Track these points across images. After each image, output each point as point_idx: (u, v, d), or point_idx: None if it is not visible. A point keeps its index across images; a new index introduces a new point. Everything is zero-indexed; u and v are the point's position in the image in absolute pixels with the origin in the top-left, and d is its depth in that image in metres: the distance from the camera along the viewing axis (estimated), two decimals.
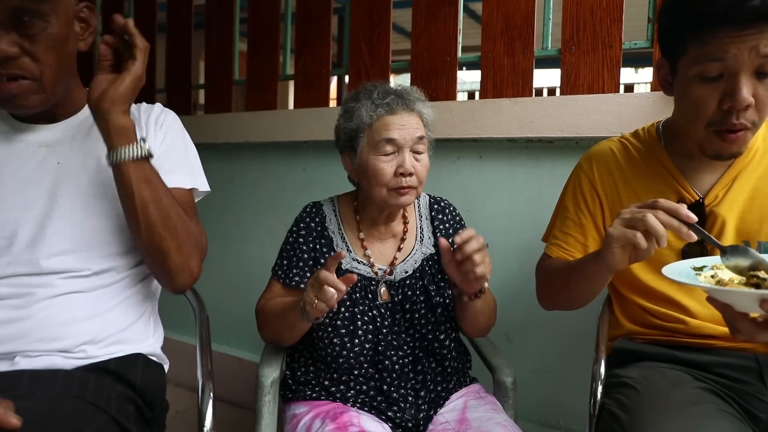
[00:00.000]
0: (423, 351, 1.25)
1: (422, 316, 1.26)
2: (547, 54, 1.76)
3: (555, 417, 1.76)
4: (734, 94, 0.94)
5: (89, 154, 1.09)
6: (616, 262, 0.94)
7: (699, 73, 0.97)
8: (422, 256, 1.32)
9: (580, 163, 1.25)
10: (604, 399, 1.09)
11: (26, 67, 0.98)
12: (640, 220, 0.88)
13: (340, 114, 1.30)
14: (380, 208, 1.28)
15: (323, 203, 1.35)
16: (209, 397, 1.05)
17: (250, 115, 2.30)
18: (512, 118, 1.70)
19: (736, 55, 0.93)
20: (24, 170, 1.05)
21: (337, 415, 1.14)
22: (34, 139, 1.07)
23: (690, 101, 1.01)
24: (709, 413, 0.94)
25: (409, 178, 1.19)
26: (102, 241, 1.07)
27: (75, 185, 1.06)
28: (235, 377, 2.25)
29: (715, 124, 0.99)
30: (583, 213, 1.21)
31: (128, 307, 1.11)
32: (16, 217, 1.03)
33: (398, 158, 1.19)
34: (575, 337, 1.70)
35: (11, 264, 1.01)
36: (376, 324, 1.23)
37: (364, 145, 1.22)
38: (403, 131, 1.20)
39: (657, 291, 1.12)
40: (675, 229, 0.87)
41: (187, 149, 1.20)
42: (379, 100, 1.21)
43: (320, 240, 1.29)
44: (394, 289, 1.27)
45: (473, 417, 1.17)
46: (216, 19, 2.45)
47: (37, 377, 0.96)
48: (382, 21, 2.02)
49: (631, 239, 0.89)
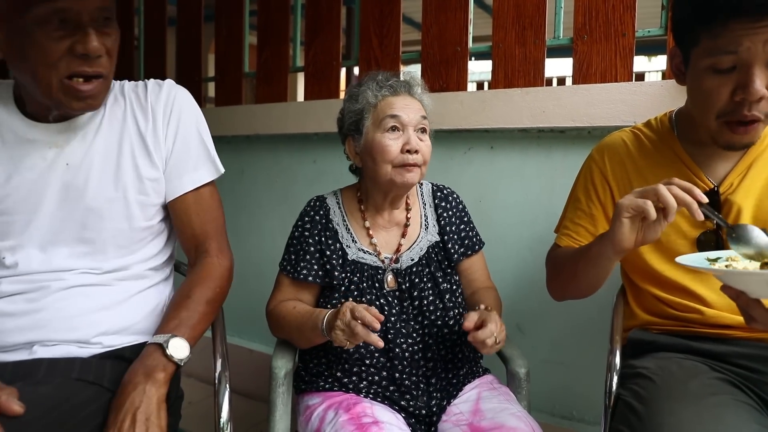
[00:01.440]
0: (432, 338, 1.26)
1: (430, 302, 1.26)
2: (559, 43, 1.74)
3: (568, 407, 1.76)
4: (747, 86, 0.94)
5: (97, 154, 1.08)
6: (623, 239, 0.93)
7: (711, 64, 0.97)
8: (428, 243, 1.33)
9: (591, 154, 1.25)
10: (619, 390, 1.08)
11: (104, 65, 1.00)
12: (652, 191, 0.89)
13: (345, 99, 1.33)
14: (385, 191, 1.29)
15: (326, 196, 1.37)
16: (225, 389, 1.06)
17: (261, 108, 2.30)
18: (524, 108, 1.69)
19: (749, 48, 0.92)
20: (35, 171, 1.04)
21: (351, 406, 1.15)
22: (44, 139, 1.06)
23: (702, 92, 1.01)
24: (726, 404, 0.93)
25: (414, 155, 1.22)
26: (114, 242, 1.08)
27: (84, 187, 1.06)
28: (247, 369, 2.27)
29: (727, 115, 0.99)
30: (594, 204, 1.21)
31: (142, 299, 1.12)
32: (27, 220, 1.03)
33: (403, 136, 1.23)
34: (587, 328, 1.69)
35: (24, 263, 1.03)
36: (383, 312, 1.24)
37: (370, 125, 1.25)
38: (407, 110, 1.24)
39: (671, 280, 1.12)
40: (686, 204, 0.87)
41: (201, 133, 1.19)
42: (383, 82, 1.27)
43: (325, 232, 1.30)
44: (401, 276, 1.28)
45: (487, 408, 1.17)
46: (226, 11, 2.45)
47: (54, 364, 0.98)
48: (392, 12, 2.00)
49: (641, 206, 0.89)
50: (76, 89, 0.98)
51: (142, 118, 1.12)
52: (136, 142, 1.11)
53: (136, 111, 1.13)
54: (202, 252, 1.15)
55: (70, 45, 0.94)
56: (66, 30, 0.93)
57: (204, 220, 1.16)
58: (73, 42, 0.94)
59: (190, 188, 1.14)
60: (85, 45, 0.94)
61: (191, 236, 1.16)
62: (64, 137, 1.07)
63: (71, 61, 0.95)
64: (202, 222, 1.16)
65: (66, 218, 1.05)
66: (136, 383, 0.92)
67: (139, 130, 1.11)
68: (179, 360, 0.98)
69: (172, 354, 0.97)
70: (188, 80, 2.57)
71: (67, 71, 0.96)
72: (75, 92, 0.98)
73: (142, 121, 1.12)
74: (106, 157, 1.08)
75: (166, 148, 1.13)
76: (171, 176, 1.13)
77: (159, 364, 0.95)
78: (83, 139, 1.08)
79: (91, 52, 0.95)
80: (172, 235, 1.21)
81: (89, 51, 0.94)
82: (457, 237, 1.35)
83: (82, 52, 0.95)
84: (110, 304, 1.07)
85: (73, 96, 0.99)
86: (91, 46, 0.94)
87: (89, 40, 0.94)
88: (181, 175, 1.14)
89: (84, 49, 0.94)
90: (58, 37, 0.93)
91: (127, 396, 0.90)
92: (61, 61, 0.94)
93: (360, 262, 1.28)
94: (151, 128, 1.12)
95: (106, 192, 1.07)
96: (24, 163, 1.04)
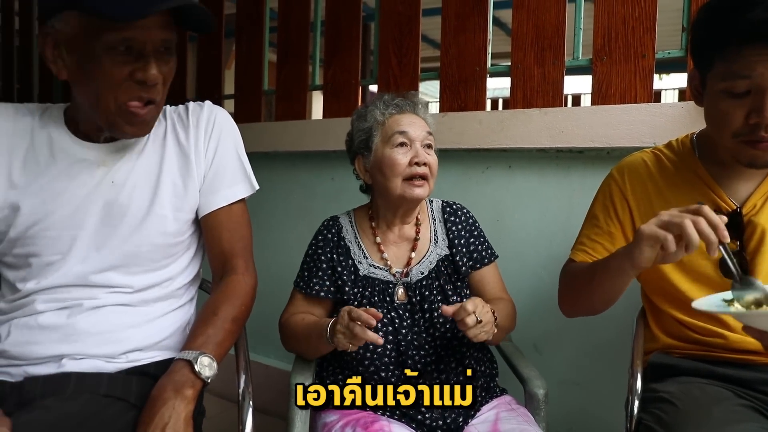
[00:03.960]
0: (444, 350, 1.27)
1: (440, 315, 1.27)
2: (578, 64, 1.75)
3: (585, 430, 1.74)
4: (761, 110, 0.94)
5: (140, 172, 1.12)
6: (642, 260, 0.93)
7: (726, 88, 0.98)
8: (437, 257, 1.35)
9: (611, 173, 1.25)
10: (641, 414, 1.07)
11: (159, 92, 1.04)
12: (677, 225, 0.87)
13: (353, 120, 1.40)
14: (396, 206, 1.33)
15: (339, 216, 1.42)
16: (249, 406, 1.07)
17: (279, 125, 2.33)
18: (542, 128, 1.70)
19: (763, 74, 0.93)
20: (83, 189, 1.08)
21: (368, 424, 1.15)
22: (93, 158, 1.10)
23: (717, 114, 1.02)
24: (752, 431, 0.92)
25: (423, 167, 1.27)
26: (147, 257, 1.11)
27: (126, 204, 1.09)
28: (263, 384, 2.27)
29: (743, 135, 0.99)
30: (613, 221, 1.20)
31: (170, 318, 1.15)
32: (72, 235, 1.06)
33: (411, 150, 1.28)
34: (605, 349, 1.67)
35: (62, 277, 1.05)
36: (395, 325, 1.27)
37: (379, 141, 1.31)
38: (413, 126, 1.30)
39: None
40: (709, 242, 0.86)
41: (238, 151, 1.23)
42: (389, 101, 1.34)
43: (337, 249, 1.35)
44: (412, 290, 1.31)
45: (505, 429, 1.16)
46: (246, 28, 2.49)
47: (82, 380, 0.99)
48: (411, 31, 2.03)
49: (662, 240, 0.88)
50: (132, 113, 1.02)
51: (184, 135, 1.16)
52: (177, 158, 1.15)
53: (178, 129, 1.17)
54: (228, 269, 1.17)
55: (131, 71, 0.98)
56: (130, 57, 0.97)
57: (234, 237, 1.18)
58: (134, 69, 0.98)
59: (224, 203, 1.17)
60: (146, 73, 0.98)
61: (219, 252, 1.18)
62: (112, 157, 1.11)
63: (130, 86, 0.99)
64: (232, 239, 1.18)
65: (108, 234, 1.08)
66: (166, 399, 0.92)
67: (179, 146, 1.15)
68: (207, 377, 0.98)
69: (201, 371, 0.98)
70: (208, 97, 2.57)
71: (126, 96, 1.00)
72: (130, 116, 1.02)
73: (183, 138, 1.16)
74: (148, 174, 1.12)
75: (206, 162, 1.17)
76: (207, 191, 1.17)
77: (188, 381, 0.96)
78: (128, 158, 1.12)
79: (149, 81, 0.99)
80: (199, 252, 1.23)
81: (148, 79, 0.99)
82: (465, 250, 1.37)
83: (141, 79, 0.99)
84: (139, 322, 1.09)
85: (127, 120, 1.03)
86: (151, 74, 0.99)
87: (149, 68, 0.98)
88: (217, 191, 1.17)
89: (144, 77, 0.98)
90: (122, 62, 0.97)
91: (156, 411, 0.91)
92: (121, 85, 0.98)
93: (371, 277, 1.32)
94: (193, 144, 1.16)
95: (146, 208, 1.10)
96: (74, 181, 1.07)
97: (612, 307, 1.57)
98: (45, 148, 1.08)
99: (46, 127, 1.10)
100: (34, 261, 1.06)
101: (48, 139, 1.09)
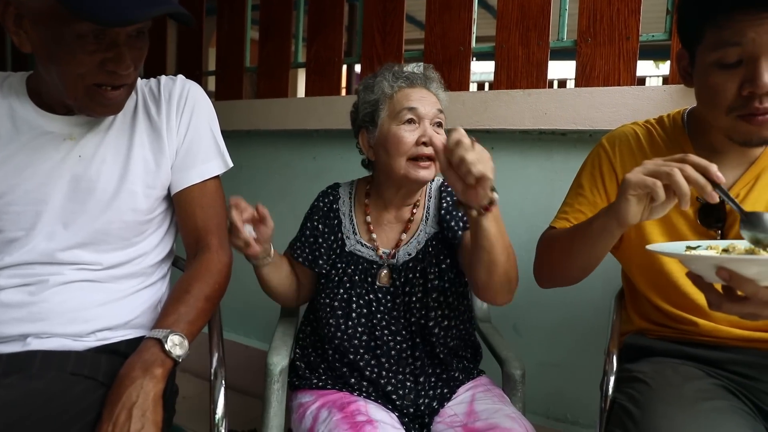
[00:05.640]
0: (419, 336, 1.25)
1: (418, 299, 1.25)
2: (562, 45, 1.74)
3: (562, 410, 1.76)
4: (755, 79, 0.91)
5: (109, 147, 1.08)
6: (630, 214, 0.88)
7: (717, 59, 0.95)
8: (426, 236, 1.30)
9: (601, 142, 1.21)
10: (615, 393, 1.08)
11: (131, 76, 1.01)
12: (666, 173, 0.83)
13: (359, 90, 1.31)
14: (398, 186, 1.27)
15: (341, 185, 1.38)
16: (221, 386, 1.05)
17: (261, 103, 2.29)
18: (526, 109, 1.69)
19: (754, 39, 0.90)
20: (48, 163, 1.04)
21: (345, 405, 1.15)
22: (59, 131, 1.06)
23: (709, 89, 0.98)
24: (722, 409, 0.93)
25: (430, 148, 1.19)
26: (118, 235, 1.08)
27: (95, 179, 1.06)
28: (241, 364, 2.26)
29: (737, 110, 0.95)
30: (599, 191, 1.17)
31: (141, 296, 1.12)
32: (37, 211, 1.03)
33: (419, 129, 1.21)
34: (583, 331, 1.69)
35: (27, 254, 1.02)
36: (371, 308, 1.25)
37: (385, 116, 1.23)
38: (423, 102, 1.22)
39: (675, 287, 1.09)
40: (700, 186, 0.81)
41: (212, 127, 1.20)
42: (399, 73, 1.25)
43: (325, 220, 1.33)
44: (397, 272, 1.27)
45: (481, 409, 1.16)
46: (228, 5, 2.44)
47: (48, 357, 0.97)
48: (395, 9, 2.00)
49: (651, 187, 0.84)
50: (103, 96, 0.99)
51: (155, 110, 1.13)
52: (148, 134, 1.12)
53: (149, 103, 1.13)
54: (202, 246, 1.15)
55: (102, 60, 0.95)
56: (100, 44, 0.94)
57: (207, 214, 1.16)
58: (105, 58, 0.95)
59: (197, 180, 1.15)
60: (118, 64, 0.96)
61: (193, 230, 1.16)
62: (78, 130, 1.07)
63: (100, 72, 0.96)
64: (205, 216, 1.16)
65: (75, 210, 1.05)
66: (134, 378, 0.91)
67: (151, 121, 1.12)
68: (177, 356, 0.97)
69: (171, 350, 0.96)
70: (189, 74, 2.52)
71: (95, 80, 0.97)
72: (101, 99, 0.99)
73: (154, 112, 1.13)
74: (117, 149, 1.09)
75: (178, 138, 1.14)
76: (180, 168, 1.14)
77: (157, 360, 0.94)
78: (96, 132, 1.08)
79: (121, 71, 0.96)
80: (171, 229, 1.21)
81: (120, 69, 0.96)
82: (458, 216, 1.29)
83: (113, 70, 0.96)
84: (109, 300, 1.06)
85: (98, 102, 1.00)
86: (123, 65, 0.96)
87: (122, 59, 0.95)
88: (190, 168, 1.14)
89: (115, 68, 0.96)
90: (92, 50, 0.93)
91: (123, 390, 0.89)
92: (90, 71, 0.95)
93: (356, 254, 1.29)
94: (164, 119, 1.12)
95: (115, 184, 1.07)
96: (39, 154, 1.04)
97: (591, 291, 1.59)
98: (6, 119, 1.05)
99: (7, 97, 1.06)
100: None
101: (9, 110, 1.05)
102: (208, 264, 1.12)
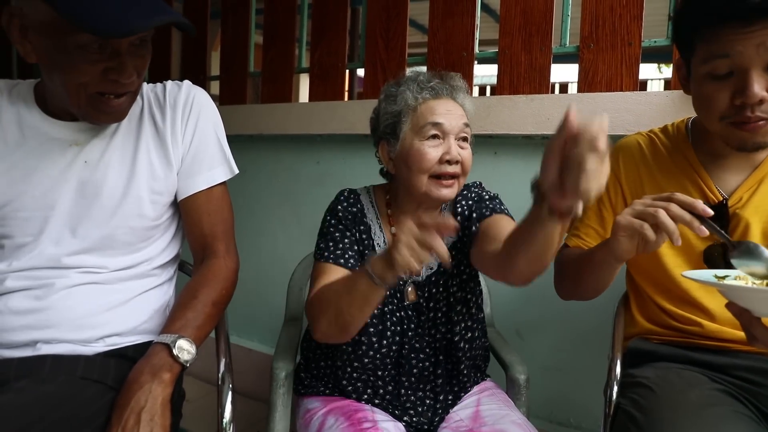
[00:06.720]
0: (442, 353, 1.22)
1: (443, 314, 1.22)
2: (565, 51, 1.75)
3: (565, 414, 1.76)
4: (745, 90, 0.94)
5: (115, 152, 1.09)
6: (622, 251, 0.92)
7: (708, 71, 0.98)
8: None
9: None
10: (619, 399, 1.08)
11: (134, 84, 1.01)
12: (651, 214, 0.86)
13: (381, 99, 1.24)
14: (418, 202, 1.20)
15: (360, 192, 1.29)
16: (228, 390, 1.06)
17: (265, 108, 2.30)
18: (528, 114, 1.70)
19: (742, 52, 0.92)
20: (55, 168, 1.05)
21: (351, 413, 1.14)
22: (65, 137, 1.07)
23: (703, 99, 1.02)
24: (725, 415, 0.93)
25: (454, 166, 1.13)
26: (124, 241, 1.09)
27: (100, 184, 1.06)
28: (246, 368, 2.27)
29: (730, 117, 0.99)
30: (604, 205, 1.20)
31: (147, 299, 1.13)
32: (44, 216, 1.04)
33: (444, 145, 1.13)
34: (587, 335, 1.69)
35: (34, 258, 1.03)
36: (403, 326, 1.20)
37: (408, 129, 1.16)
38: (449, 116, 1.14)
39: (680, 288, 1.11)
40: (686, 223, 0.85)
41: (217, 133, 1.20)
42: (424, 83, 1.17)
43: (358, 226, 1.23)
44: (421, 288, 1.22)
45: (487, 414, 1.16)
46: (232, 10, 2.45)
47: (58, 362, 0.98)
48: (398, 15, 2.01)
49: (638, 230, 0.87)
50: (106, 104, 1.00)
51: (160, 116, 1.13)
52: (153, 140, 1.12)
53: (154, 110, 1.14)
54: (209, 252, 1.16)
55: (104, 69, 0.96)
56: (103, 54, 0.94)
57: (214, 220, 1.16)
58: (107, 67, 0.96)
59: (203, 187, 1.15)
60: (120, 72, 0.96)
61: (200, 236, 1.17)
62: (83, 135, 1.08)
63: (103, 81, 0.97)
64: (212, 222, 1.16)
65: (82, 215, 1.05)
66: (142, 382, 0.91)
67: (156, 128, 1.13)
68: (185, 361, 0.97)
69: (179, 355, 0.96)
70: (192, 78, 2.54)
71: (98, 89, 0.98)
72: (104, 107, 1.00)
73: (159, 119, 1.13)
74: (123, 154, 1.09)
75: (184, 145, 1.14)
76: (185, 174, 1.14)
77: (165, 364, 0.95)
78: (102, 137, 1.09)
79: (124, 80, 0.97)
80: (178, 234, 1.22)
81: (122, 78, 0.97)
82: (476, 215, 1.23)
83: (115, 79, 0.97)
84: (116, 304, 1.07)
85: (101, 110, 1.01)
86: (125, 74, 0.97)
87: (124, 69, 0.96)
88: (196, 174, 1.15)
89: (118, 77, 0.97)
90: (95, 60, 0.94)
91: (132, 395, 0.90)
92: (93, 80, 0.96)
93: None
94: (169, 125, 1.13)
95: (122, 189, 1.08)
96: (46, 160, 1.05)
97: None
98: (14, 126, 1.06)
99: (15, 104, 1.07)
100: (6, 243, 1.04)
101: (17, 116, 1.06)
102: (216, 270, 1.13)
